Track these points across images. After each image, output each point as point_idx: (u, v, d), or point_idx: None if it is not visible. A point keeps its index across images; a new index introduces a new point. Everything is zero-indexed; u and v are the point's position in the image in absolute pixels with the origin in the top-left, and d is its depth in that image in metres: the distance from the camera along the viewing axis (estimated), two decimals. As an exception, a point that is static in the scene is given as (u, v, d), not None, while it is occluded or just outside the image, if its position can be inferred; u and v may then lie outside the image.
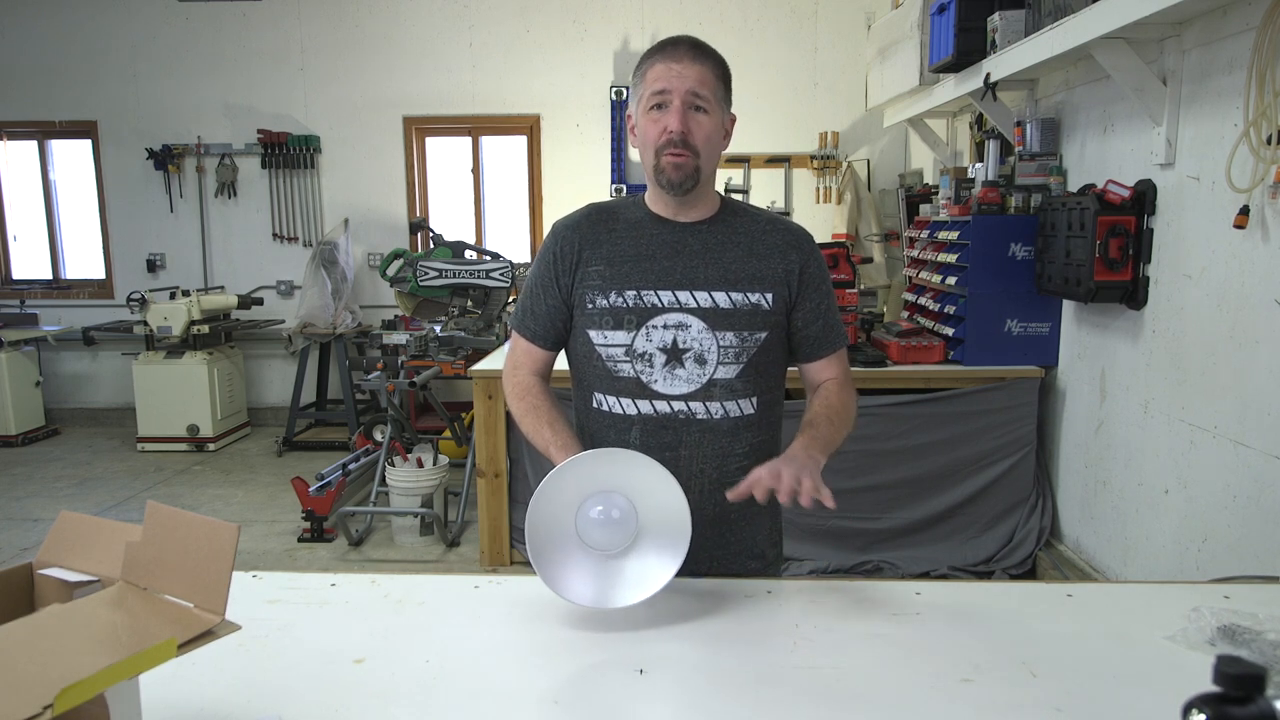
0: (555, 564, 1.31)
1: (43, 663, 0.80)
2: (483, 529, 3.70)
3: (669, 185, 1.44)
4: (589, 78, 6.11)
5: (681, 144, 1.40)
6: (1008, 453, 3.58)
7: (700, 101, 1.41)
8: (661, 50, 1.43)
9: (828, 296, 1.54)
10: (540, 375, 1.57)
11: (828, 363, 1.56)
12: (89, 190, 6.53)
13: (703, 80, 1.41)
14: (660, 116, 1.41)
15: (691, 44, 1.44)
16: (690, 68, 1.40)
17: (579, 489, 1.33)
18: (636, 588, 1.32)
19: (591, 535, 1.33)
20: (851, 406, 1.53)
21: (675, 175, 1.42)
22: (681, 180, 1.42)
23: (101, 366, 6.63)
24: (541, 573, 1.29)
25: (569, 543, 1.33)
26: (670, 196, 1.47)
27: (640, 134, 1.46)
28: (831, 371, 1.56)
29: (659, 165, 1.43)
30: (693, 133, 1.41)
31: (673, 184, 1.43)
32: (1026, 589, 1.51)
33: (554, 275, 1.52)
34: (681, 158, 1.41)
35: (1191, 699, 0.70)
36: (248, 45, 6.23)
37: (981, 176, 3.66)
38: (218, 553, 0.93)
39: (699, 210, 1.50)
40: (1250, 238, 2.35)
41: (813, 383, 1.58)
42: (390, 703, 1.09)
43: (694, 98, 1.40)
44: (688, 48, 1.42)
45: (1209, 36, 2.49)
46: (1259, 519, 2.33)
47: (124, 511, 4.69)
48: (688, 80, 1.39)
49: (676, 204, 1.49)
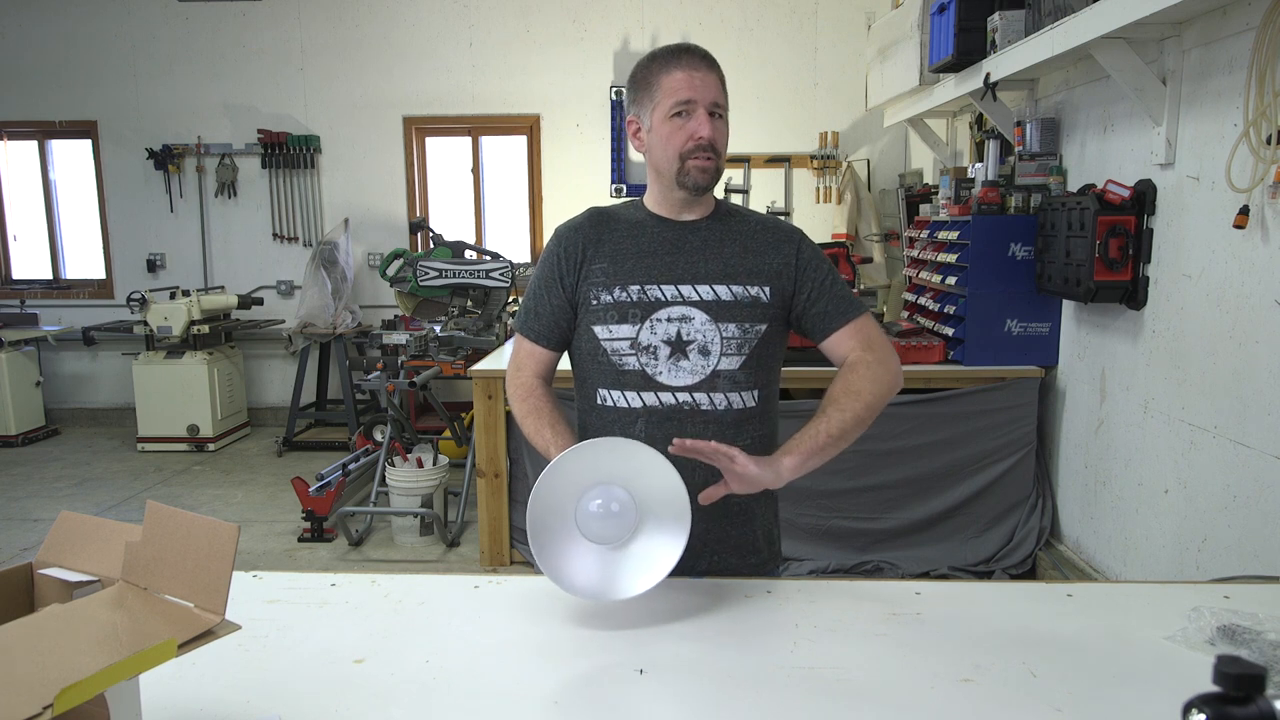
0: (557, 557, 1.31)
1: (43, 663, 0.80)
2: (483, 529, 3.70)
3: (695, 187, 1.51)
4: (589, 78, 6.11)
5: (710, 149, 1.48)
6: (1008, 453, 3.58)
7: (719, 109, 1.49)
8: (677, 59, 1.49)
9: (829, 275, 1.56)
10: (543, 377, 1.59)
11: (845, 334, 1.54)
12: (89, 190, 6.53)
13: (719, 89, 1.50)
14: (685, 123, 1.48)
15: (703, 53, 1.50)
16: (709, 76, 1.48)
17: (577, 482, 1.33)
18: (639, 578, 1.32)
19: (591, 529, 1.33)
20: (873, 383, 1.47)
21: (703, 179, 1.50)
22: (708, 182, 1.51)
23: (101, 366, 6.63)
24: (544, 567, 1.29)
25: (570, 537, 1.33)
26: (679, 197, 1.54)
27: (661, 139, 1.50)
28: (851, 342, 1.53)
29: (684, 169, 1.49)
30: (716, 139, 1.49)
31: (699, 186, 1.51)
32: (1026, 589, 1.51)
33: (558, 275, 1.55)
34: (710, 162, 1.49)
35: (1191, 699, 0.70)
36: (248, 45, 6.23)
37: (981, 176, 3.66)
38: (218, 553, 0.93)
39: (698, 210, 1.57)
40: (1250, 238, 2.35)
41: (836, 359, 1.57)
42: (390, 703, 1.09)
43: (715, 106, 1.48)
44: (701, 57, 1.49)
45: (1209, 36, 2.49)
46: (1259, 519, 2.33)
47: (124, 511, 4.69)
48: (710, 90, 1.47)
49: (679, 204, 1.55)
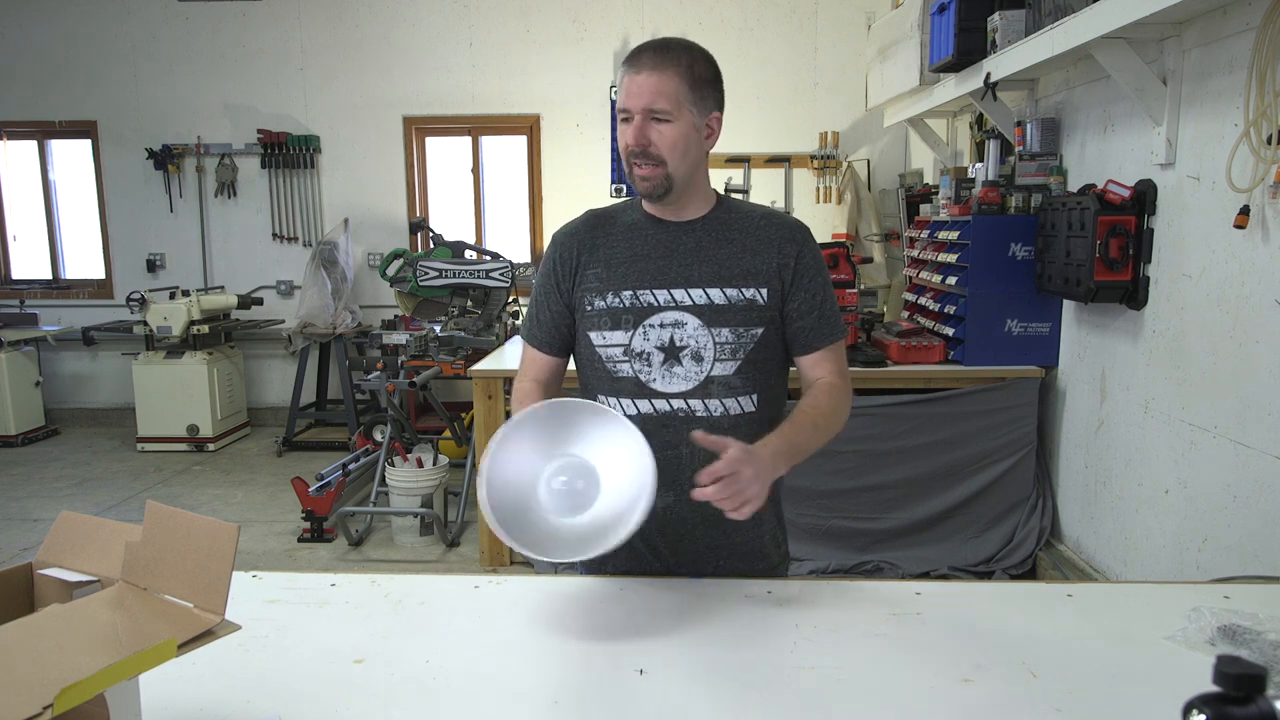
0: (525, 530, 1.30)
1: (43, 663, 0.80)
2: (483, 529, 3.70)
3: (643, 195, 1.49)
4: (589, 78, 6.11)
5: (642, 155, 1.43)
6: (1008, 453, 3.58)
7: (658, 114, 1.41)
8: (631, 62, 1.43)
9: (823, 289, 1.51)
10: (544, 381, 1.58)
11: (821, 357, 1.52)
12: (89, 190, 6.53)
13: (659, 91, 1.40)
14: (625, 130, 1.45)
15: (655, 50, 1.42)
16: (649, 78, 1.40)
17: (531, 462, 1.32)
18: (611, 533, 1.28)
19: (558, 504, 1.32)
20: (841, 411, 1.49)
21: (643, 186, 1.46)
22: (651, 190, 1.45)
23: (101, 366, 6.63)
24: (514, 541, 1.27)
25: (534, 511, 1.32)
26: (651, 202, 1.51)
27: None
28: (825, 368, 1.52)
29: (631, 175, 1.47)
30: (654, 143, 1.42)
31: (644, 194, 1.48)
32: (1026, 589, 1.51)
33: (555, 282, 1.55)
34: (645, 169, 1.43)
35: (1192, 699, 0.70)
36: (248, 45, 6.23)
37: (981, 176, 3.66)
38: (218, 553, 0.93)
39: (692, 210, 1.52)
40: (1250, 238, 2.35)
41: (807, 379, 1.55)
42: (390, 703, 1.09)
43: (654, 111, 1.41)
44: (649, 56, 1.41)
45: (1209, 36, 2.49)
46: (1259, 519, 2.33)
47: (124, 511, 4.69)
48: (644, 95, 1.40)
49: (667, 205, 1.51)
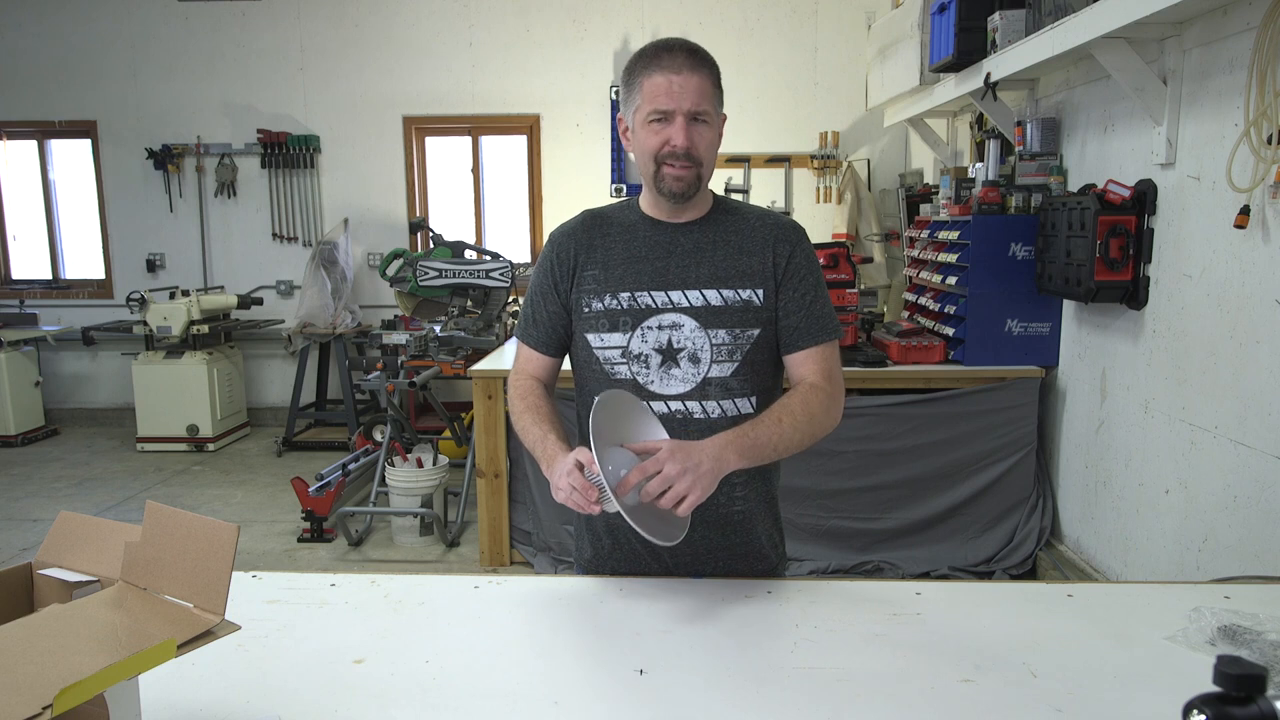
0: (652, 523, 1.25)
1: (42, 663, 0.80)
2: (482, 529, 3.70)
3: (670, 195, 1.44)
4: (589, 77, 6.11)
5: (685, 157, 1.40)
6: (1008, 453, 3.58)
7: (700, 114, 1.40)
8: (658, 59, 1.39)
9: (814, 290, 1.49)
10: (543, 381, 1.57)
11: (806, 356, 1.48)
12: (89, 190, 6.53)
13: (702, 92, 1.39)
14: (661, 129, 1.40)
15: (688, 51, 1.40)
16: (690, 79, 1.38)
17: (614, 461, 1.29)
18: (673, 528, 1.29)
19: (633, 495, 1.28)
20: (817, 413, 1.41)
21: (677, 186, 1.43)
22: (683, 190, 1.43)
23: (101, 366, 6.63)
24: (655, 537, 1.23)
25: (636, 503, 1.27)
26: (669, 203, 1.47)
27: (638, 143, 1.45)
28: (810, 368, 1.47)
29: (659, 175, 1.43)
30: (695, 145, 1.41)
31: (674, 194, 1.44)
32: (1026, 589, 1.51)
33: (552, 282, 1.54)
34: (686, 170, 1.41)
35: (1192, 699, 0.70)
36: (247, 45, 6.23)
37: (982, 176, 3.66)
38: (217, 553, 0.93)
39: (692, 211, 1.51)
40: (1251, 238, 2.35)
41: (792, 379, 1.50)
42: (390, 703, 1.09)
43: (696, 113, 1.39)
44: (685, 56, 1.39)
45: (1209, 36, 2.49)
46: (1259, 519, 2.33)
47: (124, 511, 4.69)
48: (689, 96, 1.38)
49: (671, 206, 1.49)
